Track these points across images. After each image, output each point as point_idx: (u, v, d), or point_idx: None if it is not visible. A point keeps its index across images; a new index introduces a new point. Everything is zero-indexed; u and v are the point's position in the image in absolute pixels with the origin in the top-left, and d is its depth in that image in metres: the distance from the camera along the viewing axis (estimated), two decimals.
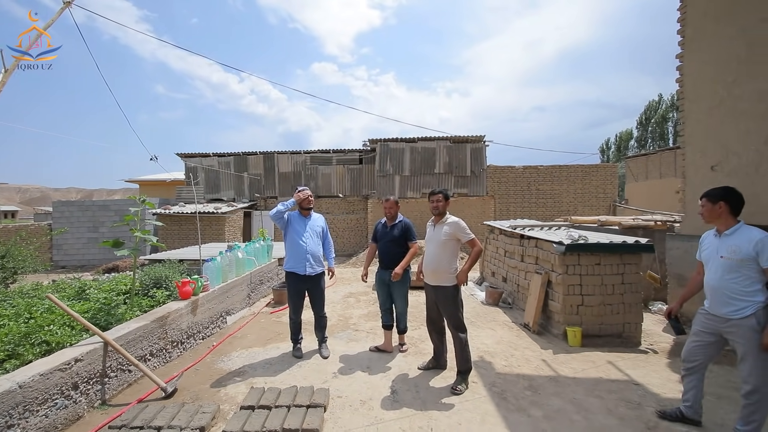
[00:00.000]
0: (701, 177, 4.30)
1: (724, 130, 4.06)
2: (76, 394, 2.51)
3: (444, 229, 3.11)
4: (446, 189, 3.23)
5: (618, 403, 2.77)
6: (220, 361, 3.66)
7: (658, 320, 4.86)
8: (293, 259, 3.65)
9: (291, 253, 3.68)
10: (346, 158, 14.79)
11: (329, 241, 3.95)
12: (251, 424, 2.40)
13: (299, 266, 3.62)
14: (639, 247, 4.05)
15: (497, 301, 5.69)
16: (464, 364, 3.04)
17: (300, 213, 3.78)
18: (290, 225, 3.71)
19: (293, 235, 3.68)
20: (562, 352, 3.75)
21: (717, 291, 2.33)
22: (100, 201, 13.69)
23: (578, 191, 13.35)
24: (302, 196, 3.72)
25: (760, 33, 3.66)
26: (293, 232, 3.69)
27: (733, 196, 2.36)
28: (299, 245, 3.64)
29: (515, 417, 2.59)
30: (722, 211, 2.37)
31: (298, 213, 3.78)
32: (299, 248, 3.64)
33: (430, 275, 3.16)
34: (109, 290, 4.50)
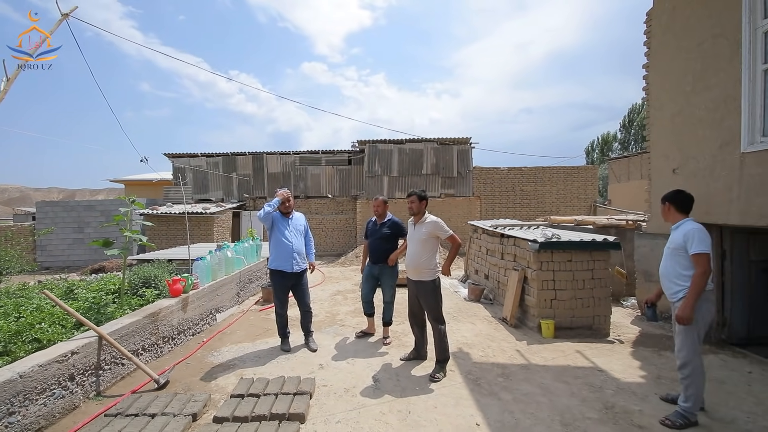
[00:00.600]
0: (664, 179, 4.62)
1: (684, 136, 4.38)
2: (73, 385, 2.64)
3: (423, 228, 3.33)
4: (422, 190, 3.45)
5: (582, 386, 3.02)
6: (211, 356, 3.80)
7: (627, 313, 5.18)
8: (280, 257, 3.79)
9: (277, 252, 3.81)
10: (335, 159, 14.93)
11: (310, 237, 4.16)
12: (241, 410, 2.57)
13: (286, 264, 3.77)
14: (607, 244, 4.33)
15: (479, 297, 5.94)
16: (442, 353, 3.25)
17: (281, 214, 3.91)
18: (275, 225, 3.84)
19: (278, 234, 3.82)
20: (535, 343, 4.01)
21: (662, 277, 2.68)
22: (85, 201, 13.53)
23: (560, 192, 13.78)
24: (284, 195, 3.87)
25: (712, 48, 3.98)
26: (278, 232, 3.82)
27: (677, 197, 2.71)
28: (285, 244, 3.79)
29: (487, 400, 2.81)
30: (669, 210, 2.73)
31: (280, 213, 3.91)
32: (285, 247, 3.78)
33: (412, 271, 3.37)
34: (98, 290, 4.56)
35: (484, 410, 2.67)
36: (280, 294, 3.86)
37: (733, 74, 3.75)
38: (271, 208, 3.78)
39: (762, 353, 3.68)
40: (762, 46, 3.56)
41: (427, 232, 3.30)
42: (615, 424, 2.50)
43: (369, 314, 4.25)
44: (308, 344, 3.96)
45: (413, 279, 3.39)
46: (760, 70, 3.57)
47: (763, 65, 3.55)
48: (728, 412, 2.65)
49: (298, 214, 4.11)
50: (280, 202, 3.85)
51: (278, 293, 3.87)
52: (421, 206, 3.39)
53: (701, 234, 2.50)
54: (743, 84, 3.66)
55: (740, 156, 3.69)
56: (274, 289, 3.90)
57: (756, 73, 3.59)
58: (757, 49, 3.58)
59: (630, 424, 2.49)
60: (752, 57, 3.61)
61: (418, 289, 3.37)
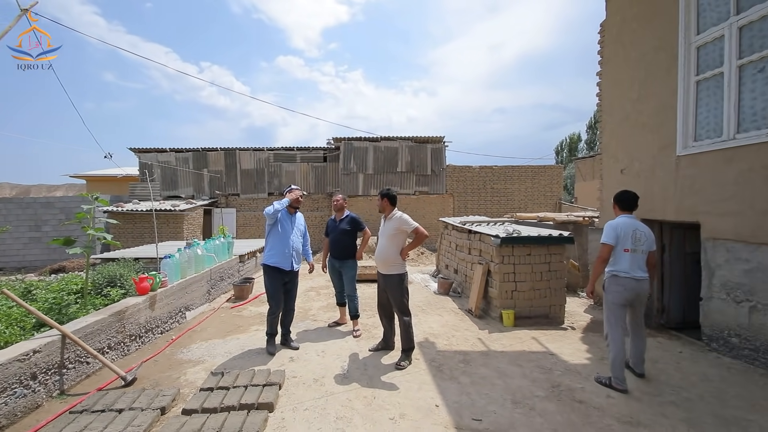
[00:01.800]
0: (613, 179, 5.02)
1: (630, 140, 4.78)
2: (35, 384, 2.62)
3: (391, 223, 3.52)
4: (388, 189, 3.64)
5: (533, 369, 3.29)
6: (180, 353, 3.81)
7: (582, 303, 5.58)
8: (279, 254, 3.73)
9: (276, 249, 3.74)
10: (311, 156, 14.87)
11: (307, 238, 4.20)
12: (210, 402, 2.64)
13: (285, 262, 3.75)
14: (562, 239, 4.67)
15: (448, 290, 6.20)
16: (407, 343, 3.44)
17: (287, 211, 3.89)
18: (279, 222, 3.79)
19: (281, 231, 3.77)
20: (496, 331, 4.28)
21: None
22: (42, 198, 12.80)
23: (528, 190, 14.39)
24: (294, 196, 3.88)
25: (654, 59, 4.37)
26: (281, 229, 3.77)
27: (618, 197, 3.29)
28: (287, 241, 3.77)
29: (447, 384, 3.02)
30: (615, 208, 3.32)
31: (286, 211, 3.88)
32: (286, 244, 3.76)
33: (381, 264, 3.54)
34: (58, 290, 4.41)
35: (444, 393, 2.87)
36: (276, 292, 3.77)
37: (671, 84, 4.14)
38: (280, 206, 3.73)
39: (694, 336, 4.11)
40: (695, 60, 3.96)
41: (394, 227, 3.48)
42: (559, 400, 2.76)
43: (341, 303, 4.52)
44: (290, 344, 3.88)
45: (382, 272, 3.56)
46: (693, 81, 3.97)
47: (696, 77, 3.94)
48: (657, 386, 2.98)
49: (299, 214, 4.16)
50: (290, 203, 3.83)
51: (274, 292, 3.77)
52: (386, 204, 3.57)
53: (607, 228, 3.11)
54: (679, 93, 4.05)
55: (676, 159, 4.09)
56: (270, 288, 3.78)
57: (689, 84, 3.99)
58: (691, 62, 3.97)
59: (572, 399, 2.77)
60: (686, 69, 4.00)
61: (385, 281, 3.54)
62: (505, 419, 2.51)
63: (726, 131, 3.59)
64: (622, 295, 3.01)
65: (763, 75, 3.31)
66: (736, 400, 2.75)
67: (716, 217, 3.65)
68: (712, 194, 3.69)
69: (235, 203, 14.57)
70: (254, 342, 4.04)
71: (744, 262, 3.40)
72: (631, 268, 2.98)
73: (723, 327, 3.61)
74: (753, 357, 3.34)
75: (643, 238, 3.04)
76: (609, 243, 3.04)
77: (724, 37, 3.59)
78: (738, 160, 3.45)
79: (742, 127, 3.48)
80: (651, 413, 2.58)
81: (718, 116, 3.71)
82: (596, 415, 2.56)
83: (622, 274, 2.99)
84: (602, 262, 3.09)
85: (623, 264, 3.01)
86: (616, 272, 3.03)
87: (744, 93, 3.47)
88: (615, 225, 3.10)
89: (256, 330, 4.46)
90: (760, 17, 3.29)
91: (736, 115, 3.51)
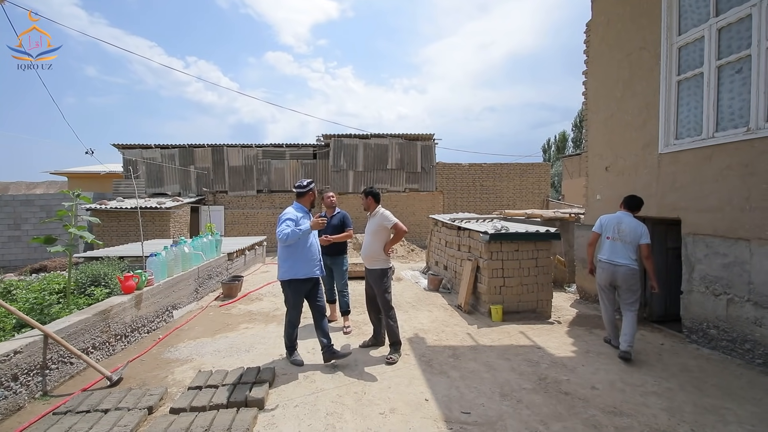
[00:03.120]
0: (598, 176, 5.13)
1: (614, 138, 4.88)
2: (16, 386, 2.55)
3: (374, 220, 3.59)
4: (371, 188, 3.67)
5: (521, 362, 3.36)
6: (167, 352, 3.75)
7: (568, 298, 5.70)
8: (309, 264, 3.28)
9: (305, 259, 3.27)
10: (300, 153, 14.75)
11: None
12: (198, 401, 2.61)
13: (316, 269, 3.36)
14: (548, 235, 4.75)
15: (437, 287, 6.25)
16: (393, 336, 3.48)
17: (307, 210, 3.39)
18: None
19: (305, 240, 3.28)
20: (485, 326, 4.34)
21: None
22: (21, 195, 12.40)
23: (517, 187, 14.57)
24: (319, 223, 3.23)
25: (638, 59, 4.47)
26: (305, 238, 3.27)
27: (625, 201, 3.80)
28: (314, 246, 3.37)
29: (437, 378, 3.06)
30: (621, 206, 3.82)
31: (306, 210, 3.37)
32: (314, 249, 3.37)
33: (366, 260, 3.61)
34: (40, 290, 4.29)
35: (434, 387, 2.90)
36: (299, 304, 3.38)
37: (654, 84, 4.25)
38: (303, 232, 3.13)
39: (675, 328, 4.24)
40: (677, 60, 4.06)
41: (376, 224, 3.55)
42: (546, 392, 2.82)
43: (331, 301, 4.50)
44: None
45: (367, 267, 3.61)
46: (674, 80, 4.08)
47: (677, 77, 4.05)
48: (640, 377, 3.08)
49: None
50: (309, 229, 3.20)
51: (297, 303, 3.36)
52: (370, 202, 3.63)
53: (597, 220, 3.80)
54: (661, 92, 4.16)
55: (658, 156, 4.20)
56: (294, 301, 3.33)
57: (671, 83, 4.10)
58: (673, 62, 4.08)
59: (558, 391, 2.83)
60: (668, 69, 4.11)
61: (369, 276, 3.60)
62: (493, 411, 2.56)
63: (705, 130, 3.70)
64: (601, 276, 3.66)
65: (740, 75, 3.42)
66: (714, 390, 2.86)
67: (696, 213, 3.77)
68: (693, 191, 3.81)
69: (223, 200, 14.37)
70: (244, 340, 4.01)
71: (722, 257, 3.52)
72: (611, 254, 3.57)
73: (702, 319, 3.73)
74: (730, 348, 3.47)
75: (627, 230, 3.53)
76: (594, 231, 3.80)
77: (704, 38, 3.70)
78: (717, 158, 3.56)
79: (720, 125, 3.60)
80: (634, 403, 2.66)
81: (698, 115, 3.82)
82: (581, 405, 2.63)
83: (603, 258, 3.63)
84: (589, 245, 3.86)
85: (604, 250, 3.64)
86: (599, 258, 3.70)
87: (722, 93, 3.58)
88: (603, 217, 3.77)
89: (245, 328, 4.43)
90: (737, 19, 3.40)
91: (715, 115, 3.62)
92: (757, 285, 3.22)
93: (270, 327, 4.46)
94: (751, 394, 2.79)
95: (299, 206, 3.36)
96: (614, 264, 3.52)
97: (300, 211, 3.32)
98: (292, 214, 3.24)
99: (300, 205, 3.37)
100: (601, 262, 3.65)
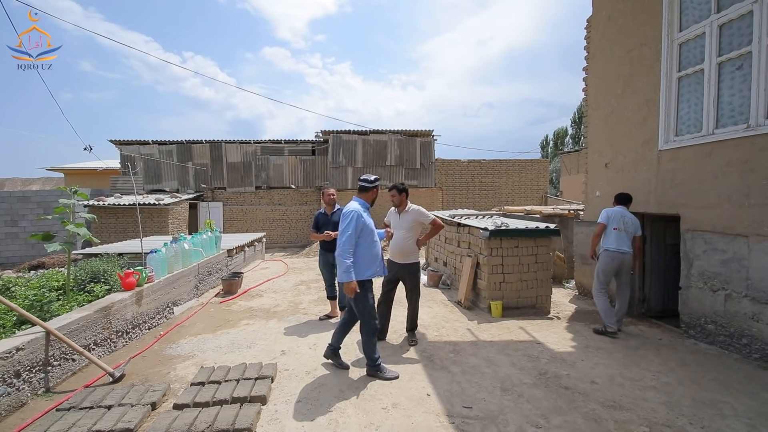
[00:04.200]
0: (598, 173, 5.14)
1: (614, 134, 4.89)
2: (19, 382, 2.55)
3: (409, 216, 3.70)
4: (402, 183, 3.73)
5: (521, 357, 3.39)
6: (169, 348, 3.76)
7: (567, 293, 5.74)
8: (375, 262, 3.07)
9: (372, 258, 3.05)
10: (299, 149, 14.71)
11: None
12: (202, 396, 2.63)
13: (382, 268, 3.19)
14: (548, 231, 4.77)
15: (437, 283, 6.28)
16: (416, 321, 3.88)
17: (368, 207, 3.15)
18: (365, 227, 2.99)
19: (371, 236, 3.05)
20: (485, 322, 4.37)
21: None
22: (18, 192, 12.33)
23: (515, 183, 14.59)
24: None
25: (639, 55, 4.46)
26: (370, 233, 3.04)
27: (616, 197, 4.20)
28: (377, 246, 3.15)
29: (438, 374, 3.08)
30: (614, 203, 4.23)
31: (367, 206, 3.14)
32: (378, 247, 3.15)
33: (398, 254, 3.69)
34: (39, 287, 4.28)
35: (435, 382, 2.93)
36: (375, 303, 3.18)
37: (654, 80, 4.25)
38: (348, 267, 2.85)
39: (673, 323, 4.28)
40: (677, 56, 4.06)
41: (412, 220, 3.67)
42: (546, 387, 2.85)
43: (332, 297, 4.55)
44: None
45: (399, 262, 3.71)
46: (675, 77, 4.08)
47: (678, 73, 4.05)
48: (639, 372, 3.11)
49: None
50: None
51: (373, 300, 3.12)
52: (401, 198, 3.71)
53: (602, 213, 4.14)
54: (661, 89, 4.16)
55: (658, 153, 4.22)
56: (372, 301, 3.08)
57: (672, 80, 4.10)
58: (674, 58, 4.08)
59: (558, 386, 2.86)
60: (669, 65, 4.11)
61: (403, 270, 3.70)
62: (494, 406, 2.58)
63: (705, 126, 3.71)
64: (610, 264, 3.96)
65: (741, 72, 3.42)
66: (712, 384, 2.90)
67: (695, 209, 3.79)
68: (692, 188, 3.83)
69: (221, 197, 14.33)
70: (245, 336, 4.02)
71: (720, 253, 3.55)
72: (619, 243, 3.93)
73: (700, 315, 3.77)
74: (728, 343, 3.50)
75: (630, 222, 4.00)
76: (602, 222, 4.07)
77: (705, 34, 3.70)
78: (716, 155, 3.58)
79: (720, 122, 3.61)
80: (633, 397, 2.69)
81: (698, 112, 3.83)
82: (581, 400, 2.66)
83: (612, 248, 3.95)
84: (596, 236, 4.13)
85: (611, 240, 3.95)
86: (606, 247, 3.99)
87: (723, 89, 3.59)
88: (608, 210, 4.13)
89: (246, 324, 4.44)
90: (739, 15, 3.40)
91: (715, 111, 3.63)
92: (755, 281, 3.25)
93: (271, 323, 4.47)
94: (748, 388, 2.83)
95: (363, 202, 3.11)
96: (622, 252, 3.92)
97: (364, 207, 3.08)
98: (358, 212, 2.95)
99: (363, 201, 3.12)
100: (610, 252, 3.95)
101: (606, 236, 4.04)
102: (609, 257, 3.96)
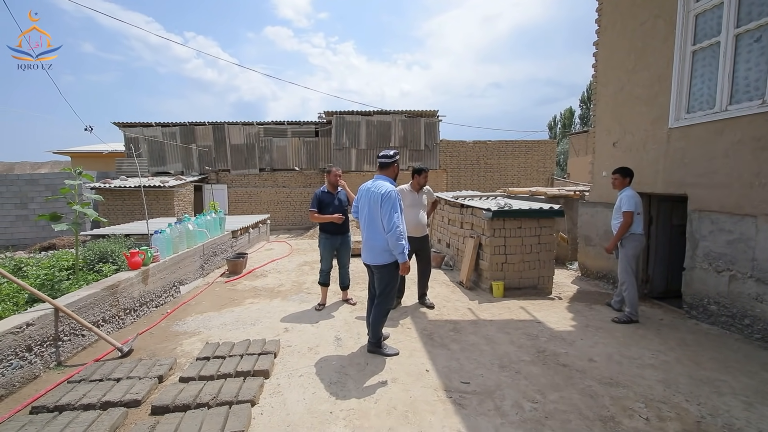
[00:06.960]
0: (605, 152, 5.03)
1: (623, 112, 4.75)
2: (31, 356, 2.64)
3: (425, 195, 4.25)
4: (422, 165, 4.22)
5: (520, 336, 3.42)
6: (175, 325, 3.85)
7: (570, 274, 5.73)
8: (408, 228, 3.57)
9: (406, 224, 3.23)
10: (302, 131, 14.57)
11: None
12: (207, 370, 2.71)
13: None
14: (552, 212, 4.72)
15: (440, 264, 6.30)
16: (427, 286, 4.31)
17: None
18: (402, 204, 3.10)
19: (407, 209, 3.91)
20: (486, 302, 4.40)
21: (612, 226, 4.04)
22: (26, 175, 12.47)
23: (521, 165, 14.38)
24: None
25: (652, 28, 4.27)
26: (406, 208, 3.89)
27: (625, 171, 3.93)
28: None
29: (437, 351, 3.13)
30: (616, 180, 3.97)
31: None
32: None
33: (417, 229, 4.09)
34: (49, 266, 4.38)
35: (434, 359, 2.98)
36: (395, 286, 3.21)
37: (667, 54, 4.08)
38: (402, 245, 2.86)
39: (675, 304, 4.27)
40: (693, 28, 3.88)
41: (427, 199, 4.30)
42: (544, 364, 2.89)
43: (326, 284, 4.29)
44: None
45: (418, 236, 4.10)
46: (689, 51, 3.91)
47: (692, 46, 3.88)
48: (637, 351, 3.13)
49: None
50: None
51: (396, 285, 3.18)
52: (425, 179, 4.17)
53: (628, 200, 3.77)
54: (674, 63, 4.00)
55: (668, 131, 4.10)
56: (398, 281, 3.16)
57: (686, 54, 3.93)
58: (689, 30, 3.90)
59: (556, 363, 2.90)
60: (683, 38, 3.93)
61: (421, 242, 4.14)
62: (492, 381, 2.63)
63: (719, 103, 3.58)
64: (638, 249, 3.87)
65: (759, 45, 3.26)
66: (710, 363, 2.91)
67: (704, 189, 3.71)
68: (701, 167, 3.73)
69: (225, 179, 14.36)
70: (249, 314, 4.10)
71: (727, 233, 3.49)
72: (641, 226, 3.86)
73: (703, 295, 3.75)
74: (729, 323, 3.49)
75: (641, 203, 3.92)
76: (632, 210, 3.77)
77: (723, 4, 3.51)
78: (728, 132, 3.46)
79: (734, 98, 3.47)
80: (630, 375, 2.72)
81: (711, 87, 3.68)
82: (578, 377, 2.69)
83: (638, 232, 3.82)
84: (628, 226, 3.77)
85: (638, 225, 3.82)
86: (633, 231, 3.81)
87: (739, 63, 3.44)
88: (633, 195, 3.80)
89: (250, 303, 4.52)
90: None
91: (729, 86, 3.49)
92: (761, 261, 3.20)
93: (274, 302, 4.55)
94: (747, 367, 2.83)
95: (389, 179, 3.03)
96: (643, 235, 3.89)
97: (392, 184, 3.01)
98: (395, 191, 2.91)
99: (387, 177, 3.04)
100: (638, 235, 3.82)
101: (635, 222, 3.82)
102: (638, 241, 3.82)
